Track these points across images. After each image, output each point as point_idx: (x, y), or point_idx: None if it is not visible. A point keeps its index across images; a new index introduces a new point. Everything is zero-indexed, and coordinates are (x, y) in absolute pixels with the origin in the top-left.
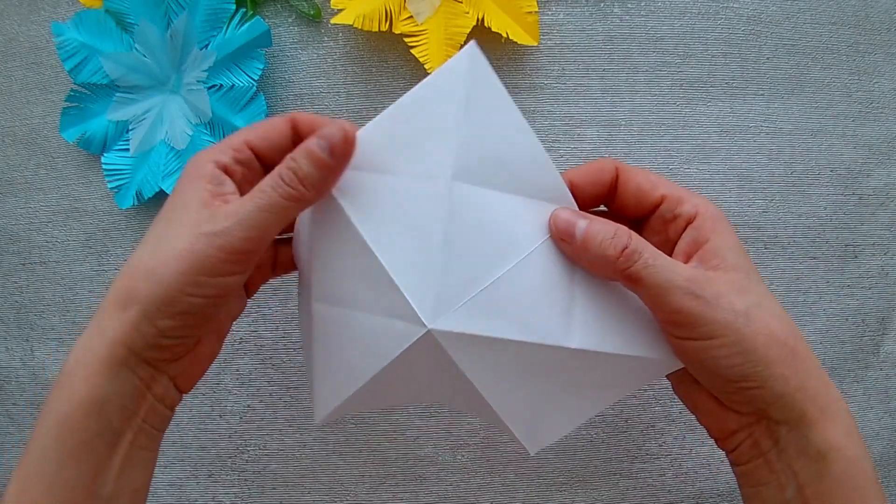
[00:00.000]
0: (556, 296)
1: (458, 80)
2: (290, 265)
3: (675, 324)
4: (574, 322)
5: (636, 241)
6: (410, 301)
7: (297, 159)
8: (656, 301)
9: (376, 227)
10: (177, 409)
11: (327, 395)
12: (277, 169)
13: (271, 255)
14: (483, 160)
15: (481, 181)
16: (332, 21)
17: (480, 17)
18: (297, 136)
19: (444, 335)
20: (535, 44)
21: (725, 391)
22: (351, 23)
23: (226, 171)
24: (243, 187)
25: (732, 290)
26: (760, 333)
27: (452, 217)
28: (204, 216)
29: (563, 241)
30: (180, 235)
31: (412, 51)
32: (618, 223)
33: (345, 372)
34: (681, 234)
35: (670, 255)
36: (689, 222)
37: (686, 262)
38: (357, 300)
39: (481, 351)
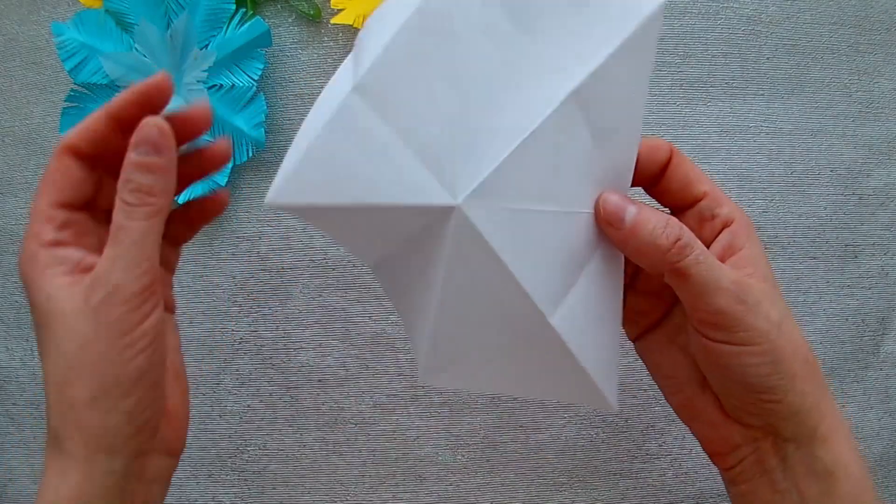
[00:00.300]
0: (569, 265)
1: None
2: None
3: (713, 325)
4: (566, 301)
5: (688, 234)
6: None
7: (132, 178)
8: (700, 299)
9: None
10: None
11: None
12: (118, 196)
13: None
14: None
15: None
16: (332, 21)
17: None
18: (122, 124)
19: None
20: None
21: (743, 401)
22: (351, 23)
23: (58, 244)
24: (83, 242)
25: (767, 299)
26: (789, 347)
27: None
28: (82, 294)
29: (611, 227)
30: (77, 328)
31: None
32: (662, 213)
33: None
34: (716, 236)
35: None
36: (725, 225)
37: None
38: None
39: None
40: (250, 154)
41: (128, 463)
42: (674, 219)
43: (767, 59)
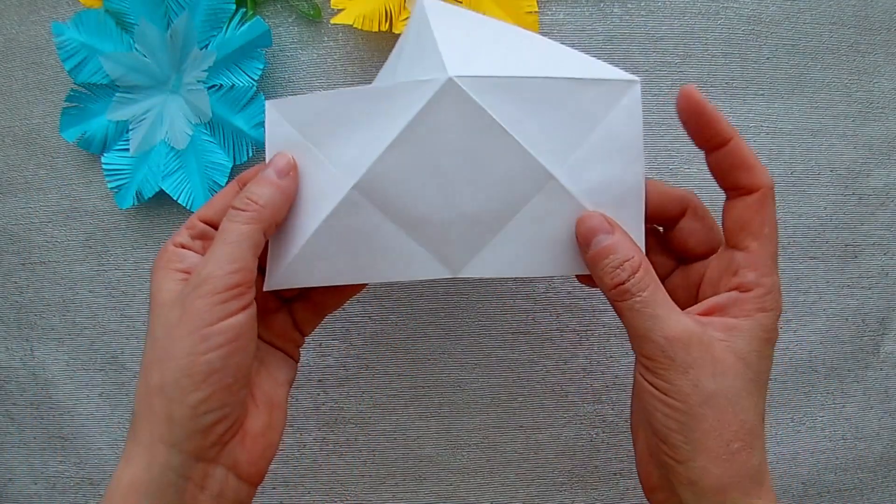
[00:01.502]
0: (569, 131)
1: None
2: (326, 305)
3: (642, 362)
4: (570, 159)
5: (639, 277)
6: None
7: (248, 187)
8: (633, 338)
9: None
10: None
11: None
12: (231, 204)
13: (286, 316)
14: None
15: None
16: (332, 21)
17: (483, 13)
18: None
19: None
20: None
21: (650, 443)
22: (351, 23)
23: (184, 248)
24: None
25: (707, 370)
26: (712, 422)
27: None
28: (180, 285)
29: (579, 245)
30: (169, 315)
31: None
32: (634, 250)
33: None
34: (725, 290)
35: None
36: (739, 288)
37: (706, 311)
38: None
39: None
40: (250, 154)
41: (187, 463)
42: (636, 259)
43: (767, 59)
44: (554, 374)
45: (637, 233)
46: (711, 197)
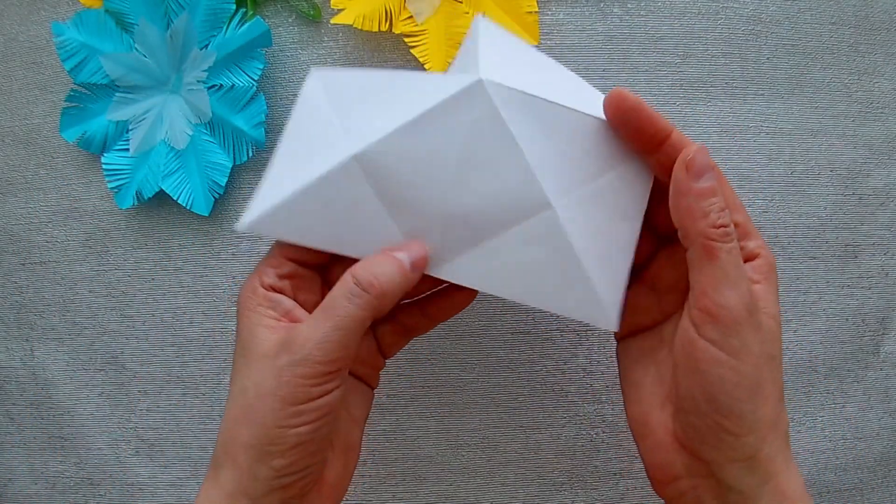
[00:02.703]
0: (581, 165)
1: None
2: (413, 330)
3: (713, 319)
4: (574, 194)
5: (732, 228)
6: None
7: (375, 266)
8: (713, 286)
9: None
10: (177, 408)
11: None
12: (349, 277)
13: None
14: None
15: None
16: (332, 21)
17: (481, 14)
18: None
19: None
20: (536, 43)
21: (701, 421)
22: (351, 23)
23: (274, 290)
24: (299, 296)
25: (771, 330)
26: (770, 388)
27: None
28: (277, 346)
29: (688, 173)
30: (262, 374)
31: (412, 51)
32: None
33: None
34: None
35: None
36: (747, 259)
37: None
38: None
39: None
40: (250, 154)
41: None
42: (733, 204)
43: (767, 59)
44: (554, 374)
45: (617, 291)
46: None
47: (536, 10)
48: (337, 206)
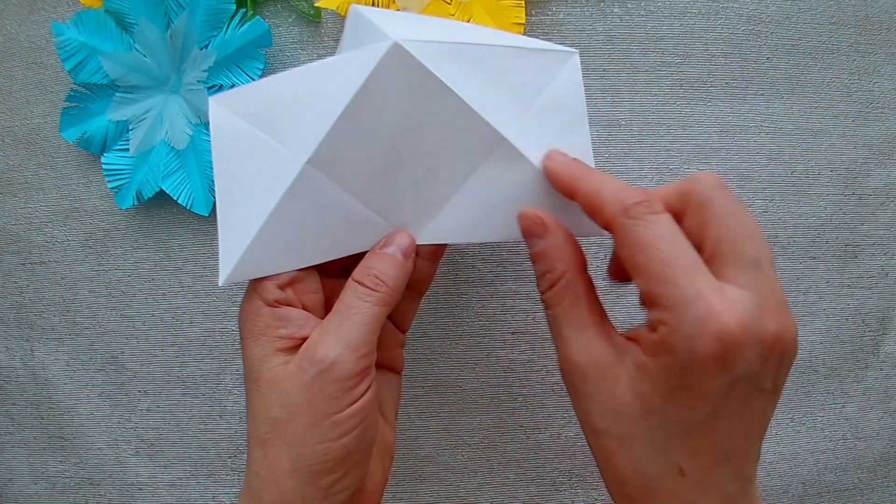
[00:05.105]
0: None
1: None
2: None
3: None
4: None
5: (555, 291)
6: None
7: (374, 266)
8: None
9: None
10: (177, 408)
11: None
12: (356, 279)
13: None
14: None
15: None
16: (317, 4)
17: (467, 21)
18: None
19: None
20: None
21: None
22: (335, 8)
23: (279, 304)
24: (304, 300)
25: (607, 406)
26: (599, 456)
27: None
28: (297, 363)
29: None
30: (290, 397)
31: None
32: (559, 259)
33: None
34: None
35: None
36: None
37: (651, 326)
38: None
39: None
40: None
41: None
42: (557, 271)
43: (767, 59)
44: (554, 374)
45: None
46: None
47: (524, 21)
48: (309, 218)
